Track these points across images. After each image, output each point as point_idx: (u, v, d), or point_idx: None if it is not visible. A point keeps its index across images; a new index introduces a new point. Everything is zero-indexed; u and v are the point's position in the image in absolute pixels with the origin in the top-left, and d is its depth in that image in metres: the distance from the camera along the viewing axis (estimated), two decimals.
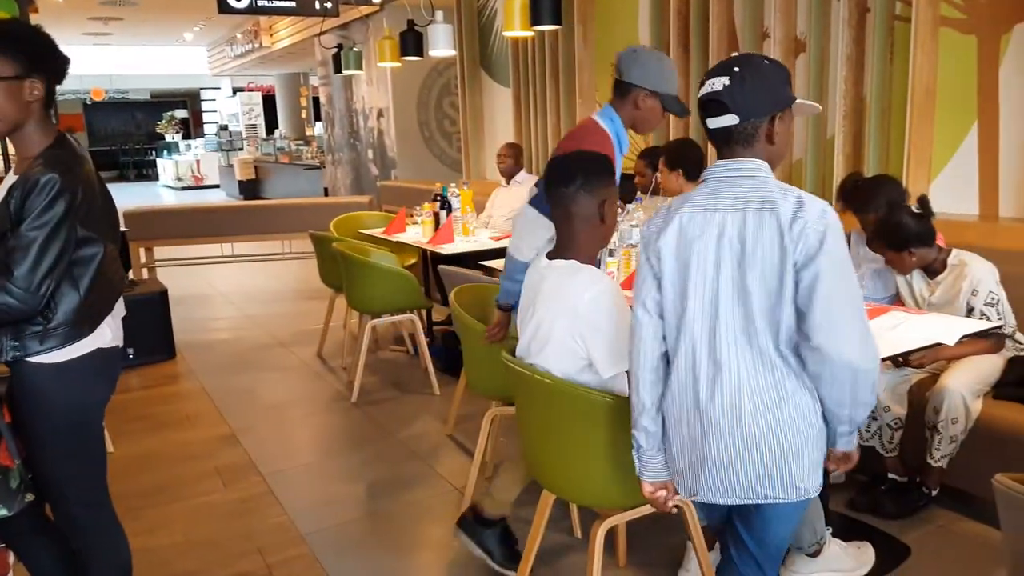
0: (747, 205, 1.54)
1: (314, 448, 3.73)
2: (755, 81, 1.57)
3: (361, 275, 4.17)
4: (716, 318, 1.56)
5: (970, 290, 2.64)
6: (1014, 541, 1.38)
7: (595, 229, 2.03)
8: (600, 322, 1.91)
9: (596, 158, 2.09)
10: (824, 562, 2.35)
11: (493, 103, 7.11)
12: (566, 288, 1.96)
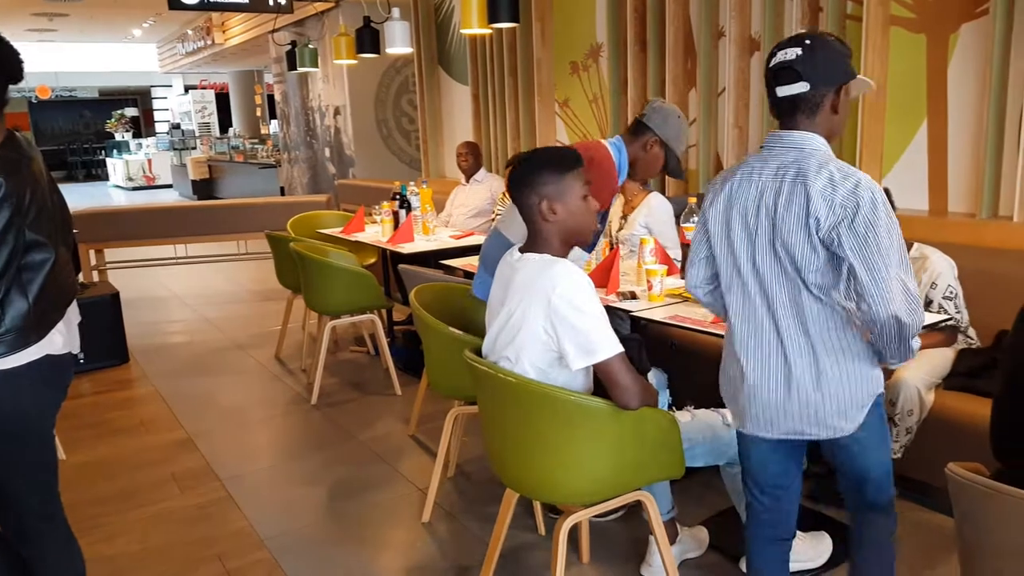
0: (785, 176, 1.68)
1: (273, 451, 3.67)
2: (825, 52, 1.68)
3: (319, 275, 4.13)
4: (760, 275, 1.75)
5: (929, 283, 2.71)
6: (965, 528, 1.41)
7: (558, 224, 2.02)
8: (572, 315, 1.90)
9: (557, 153, 2.09)
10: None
11: (452, 101, 7.09)
12: (539, 280, 1.95)
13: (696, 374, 3.14)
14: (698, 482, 2.94)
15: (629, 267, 3.22)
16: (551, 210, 2.01)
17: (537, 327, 1.95)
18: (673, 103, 4.47)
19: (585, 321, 1.90)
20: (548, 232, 2.04)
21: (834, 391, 1.73)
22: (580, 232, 2.08)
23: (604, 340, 1.91)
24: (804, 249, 1.66)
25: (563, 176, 2.02)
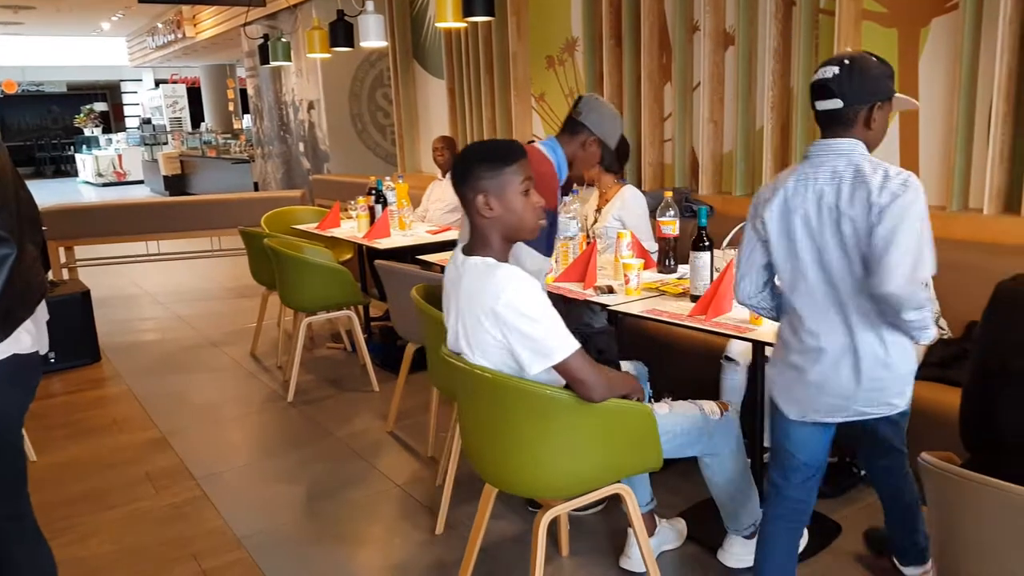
0: (843, 178, 1.82)
1: (249, 450, 3.64)
2: (861, 73, 1.84)
3: (294, 272, 4.09)
4: (827, 271, 1.86)
5: None
6: (939, 515, 1.43)
7: (497, 220, 1.97)
8: (520, 323, 1.86)
9: (495, 147, 2.05)
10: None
11: (427, 95, 7.06)
12: (483, 290, 1.91)
13: (670, 367, 3.17)
14: (676, 473, 2.95)
15: (606, 261, 3.23)
16: (487, 205, 1.95)
17: (488, 336, 1.92)
18: (648, 98, 4.50)
19: (535, 327, 1.87)
20: (487, 228, 1.98)
21: (896, 371, 1.87)
22: (521, 228, 2.00)
23: (557, 341, 1.88)
24: (865, 240, 1.80)
25: (501, 170, 1.95)
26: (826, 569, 2.42)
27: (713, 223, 3.01)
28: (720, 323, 2.41)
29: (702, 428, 2.22)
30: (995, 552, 1.30)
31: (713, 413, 2.24)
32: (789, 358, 1.97)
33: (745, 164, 4.14)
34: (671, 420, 2.19)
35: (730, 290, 2.50)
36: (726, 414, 2.26)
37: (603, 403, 2.01)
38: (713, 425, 2.23)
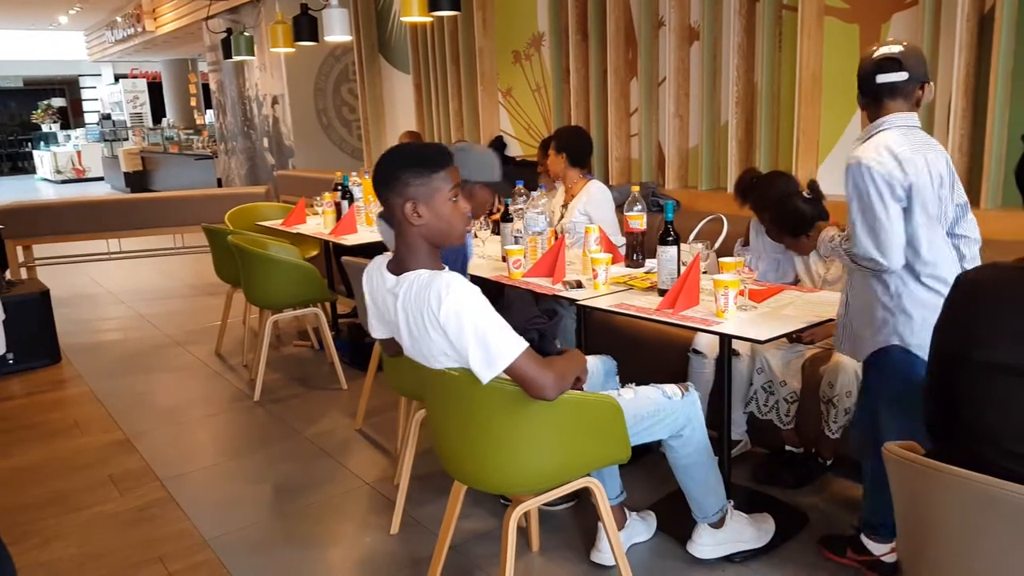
0: (938, 146, 2.17)
1: (216, 450, 3.60)
2: (917, 54, 2.16)
3: (260, 269, 4.04)
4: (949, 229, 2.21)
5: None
6: (903, 504, 1.45)
7: (409, 231, 1.92)
8: (463, 332, 1.83)
9: (423, 151, 1.98)
10: (727, 533, 2.43)
11: (393, 90, 7.02)
12: (424, 303, 1.86)
13: (638, 361, 3.18)
14: (645, 467, 2.97)
15: (574, 256, 3.23)
16: (416, 213, 1.89)
17: (440, 350, 1.89)
18: (615, 93, 4.51)
19: (478, 333, 1.82)
20: (413, 236, 1.93)
21: None
22: (449, 235, 1.96)
23: (502, 345, 1.83)
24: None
25: (430, 176, 1.89)
26: (794, 558, 2.45)
27: (679, 217, 3.03)
28: (687, 316, 2.43)
29: (666, 409, 2.24)
30: (957, 539, 1.32)
31: (675, 394, 2.26)
32: (931, 300, 2.13)
33: (710, 159, 4.17)
34: (636, 404, 2.20)
35: (697, 283, 2.52)
36: (687, 394, 2.29)
37: (570, 397, 2.01)
38: (677, 405, 2.25)
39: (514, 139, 5.62)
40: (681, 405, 2.26)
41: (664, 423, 2.25)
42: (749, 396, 2.90)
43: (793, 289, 2.77)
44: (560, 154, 3.76)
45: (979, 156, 3.07)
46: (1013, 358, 1.32)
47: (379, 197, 1.96)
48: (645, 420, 2.21)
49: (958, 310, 1.45)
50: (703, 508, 2.41)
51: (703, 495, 2.39)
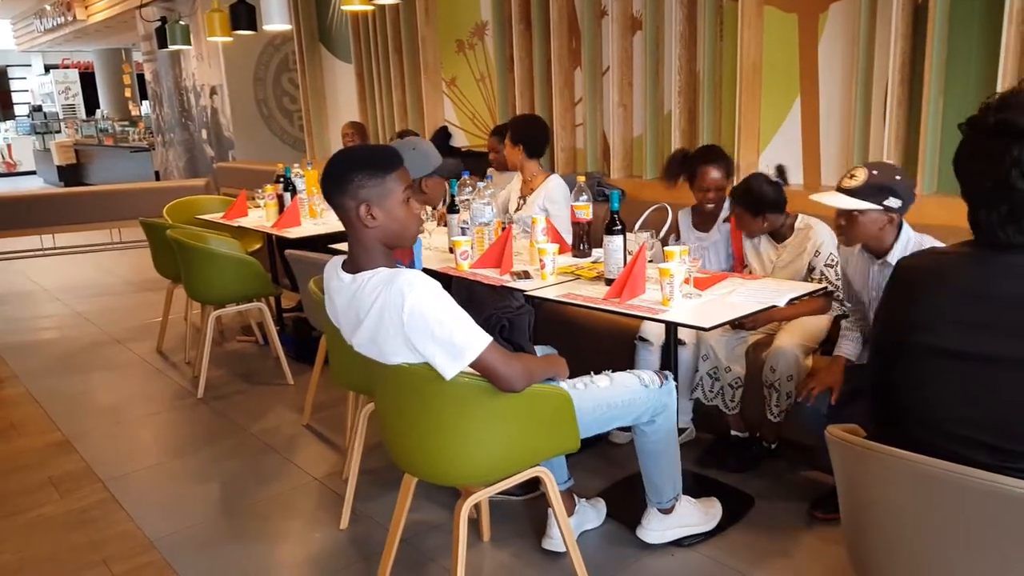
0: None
1: (159, 449, 3.51)
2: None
3: (200, 264, 3.95)
4: None
5: (813, 251, 2.84)
6: (846, 486, 1.49)
7: (363, 233, 1.91)
8: (428, 327, 1.82)
9: (375, 153, 1.98)
10: (676, 518, 2.47)
11: (335, 80, 6.91)
12: (387, 302, 1.84)
13: (587, 350, 3.20)
14: (593, 455, 3.00)
15: (522, 246, 3.23)
16: (370, 215, 1.88)
17: (400, 347, 1.88)
18: (559, 82, 4.52)
19: (443, 329, 1.81)
20: (368, 239, 1.92)
21: None
22: (403, 236, 1.97)
23: (468, 339, 1.83)
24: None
25: (383, 178, 1.89)
26: (741, 540, 2.50)
27: (625, 207, 3.06)
28: (634, 305, 2.45)
29: (641, 397, 2.26)
30: (895, 518, 1.36)
31: (652, 383, 2.29)
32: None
33: (654, 148, 4.21)
34: (612, 391, 2.23)
35: (643, 272, 2.55)
36: (666, 382, 2.32)
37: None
38: (653, 393, 2.28)
39: (459, 129, 5.59)
40: (658, 394, 2.29)
41: (638, 409, 2.27)
42: (695, 383, 2.94)
43: (737, 276, 2.82)
44: (517, 146, 3.71)
45: (915, 143, 3.16)
46: (948, 341, 1.35)
47: (330, 201, 1.93)
48: (619, 408, 2.23)
49: (897, 296, 1.48)
50: (659, 494, 2.44)
51: (663, 482, 2.43)
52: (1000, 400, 1.30)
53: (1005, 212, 1.31)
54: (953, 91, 3.06)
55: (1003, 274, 1.33)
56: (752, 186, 2.80)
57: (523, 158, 3.72)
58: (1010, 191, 1.29)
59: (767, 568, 2.34)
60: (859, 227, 2.27)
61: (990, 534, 1.24)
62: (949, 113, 3.07)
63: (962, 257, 1.40)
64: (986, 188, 1.33)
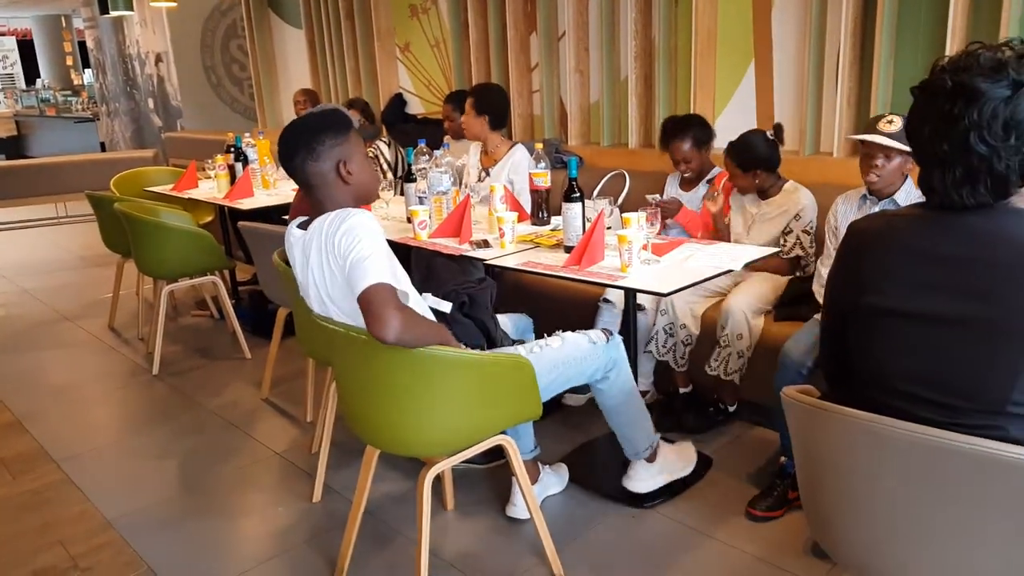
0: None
1: (114, 427, 3.45)
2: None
3: (150, 237, 3.86)
4: None
5: (794, 213, 2.90)
6: (801, 445, 1.52)
7: (340, 192, 1.98)
8: (349, 251, 1.85)
9: (330, 116, 2.03)
10: (660, 464, 2.55)
11: (285, 46, 6.76)
12: (326, 237, 1.92)
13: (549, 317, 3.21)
14: (556, 421, 3.02)
15: (481, 215, 3.21)
16: (348, 171, 1.97)
17: (339, 277, 1.92)
18: (515, 48, 4.47)
19: (358, 253, 1.84)
20: (343, 197, 1.99)
21: None
22: (371, 192, 2.07)
23: (369, 270, 1.82)
24: None
25: (347, 136, 1.99)
26: (702, 497, 2.55)
27: (583, 174, 3.05)
28: (593, 272, 2.46)
29: (593, 354, 2.31)
30: (851, 476, 1.40)
31: (599, 339, 2.34)
32: None
33: (611, 114, 4.20)
34: (564, 351, 2.27)
35: (602, 239, 2.55)
36: (611, 337, 2.37)
37: (481, 357, 2.01)
38: (601, 349, 2.32)
39: (414, 96, 5.51)
40: (605, 349, 2.34)
41: (591, 367, 2.32)
42: (651, 336, 2.99)
43: (692, 242, 2.84)
44: (481, 116, 3.61)
45: (866, 107, 3.20)
46: (898, 301, 1.38)
47: (301, 170, 1.96)
48: (573, 366, 2.27)
49: (848, 258, 1.50)
50: (634, 445, 2.50)
51: (634, 434, 2.49)
52: (946, 358, 1.33)
53: (960, 175, 1.32)
54: (903, 54, 3.09)
55: (956, 236, 1.35)
56: (746, 143, 2.88)
57: (487, 129, 3.64)
58: (966, 153, 1.30)
59: (727, 528, 2.39)
60: (893, 167, 2.43)
61: (938, 489, 1.27)
62: (900, 75, 3.11)
63: (914, 219, 1.42)
64: (941, 151, 1.33)
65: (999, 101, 1.26)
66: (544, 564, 2.24)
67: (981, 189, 1.31)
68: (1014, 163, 1.29)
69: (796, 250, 2.88)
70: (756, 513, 2.42)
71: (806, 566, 2.19)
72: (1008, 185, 1.31)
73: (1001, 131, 1.27)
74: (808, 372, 2.35)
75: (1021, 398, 1.28)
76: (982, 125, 1.27)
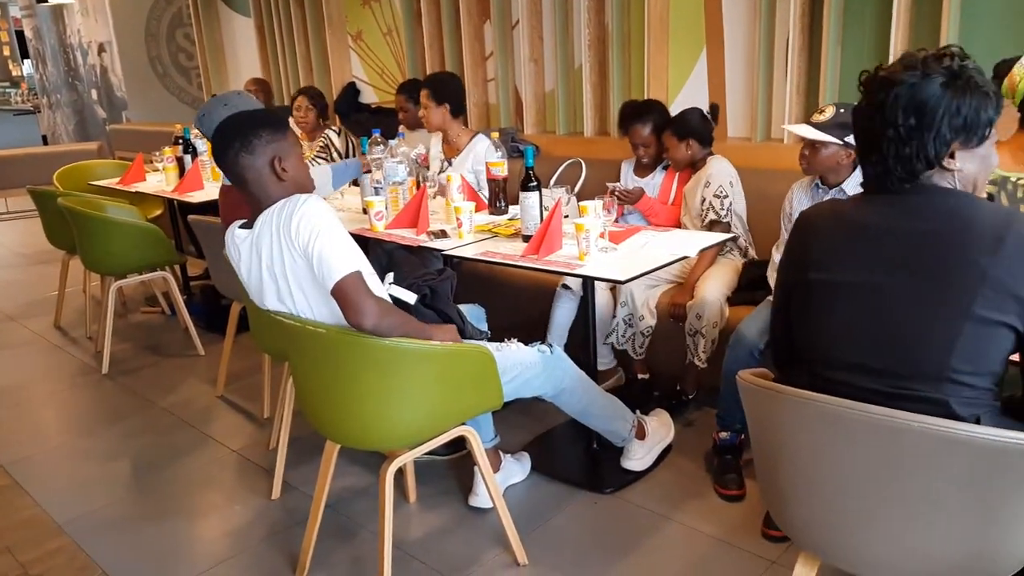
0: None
1: (64, 429, 3.36)
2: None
3: (96, 233, 3.76)
4: None
5: (704, 181, 2.98)
6: (756, 427, 1.55)
7: (275, 189, 1.96)
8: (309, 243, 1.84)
9: (265, 114, 2.04)
10: (653, 437, 2.63)
11: (234, 35, 6.62)
12: (283, 224, 1.89)
13: (507, 306, 3.21)
14: (516, 411, 3.00)
15: (438, 205, 3.19)
16: (282, 167, 1.96)
17: (298, 268, 1.91)
18: (469, 36, 4.44)
19: (319, 244, 1.84)
20: (279, 195, 1.96)
21: None
22: (306, 188, 2.04)
23: (335, 261, 1.83)
24: None
25: (284, 134, 1.99)
26: (661, 481, 2.58)
27: (539, 162, 3.05)
28: (551, 261, 2.46)
29: (543, 361, 2.29)
30: (804, 457, 1.42)
31: (543, 350, 2.33)
32: None
33: (567, 103, 4.20)
34: (520, 354, 2.26)
35: (559, 228, 2.55)
36: (554, 348, 2.36)
37: (442, 348, 2.00)
38: (550, 360, 2.31)
39: (368, 85, 5.44)
40: (554, 360, 2.33)
41: (542, 375, 2.29)
42: (611, 327, 3.01)
43: (649, 229, 2.86)
44: (441, 105, 3.57)
45: (815, 94, 3.24)
46: (841, 276, 1.44)
47: (235, 166, 1.94)
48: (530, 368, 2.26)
49: (796, 242, 1.57)
50: (618, 434, 2.54)
51: (611, 425, 2.52)
52: (886, 328, 1.38)
53: (877, 159, 1.41)
54: (850, 41, 3.14)
55: (888, 213, 1.42)
56: (683, 115, 3.05)
57: (448, 118, 3.60)
58: (880, 139, 1.39)
59: (687, 510, 2.42)
60: (820, 158, 2.46)
61: (890, 466, 1.31)
62: (847, 63, 3.16)
63: (855, 202, 1.51)
64: (865, 138, 1.44)
65: (904, 87, 1.35)
66: (508, 552, 2.25)
67: (894, 172, 1.39)
68: (915, 147, 1.36)
69: (709, 214, 2.95)
70: (729, 492, 2.47)
71: (763, 546, 2.23)
72: (914, 168, 1.38)
73: (901, 113, 1.35)
74: (760, 353, 2.39)
75: (960, 365, 1.33)
76: (886, 108, 1.37)
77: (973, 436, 1.21)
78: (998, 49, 2.75)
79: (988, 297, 1.30)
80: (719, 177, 2.97)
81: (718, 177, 2.97)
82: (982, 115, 1.36)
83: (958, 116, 1.35)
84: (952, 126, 1.35)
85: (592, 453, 2.71)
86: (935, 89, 1.34)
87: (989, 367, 1.35)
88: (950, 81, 1.34)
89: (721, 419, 2.57)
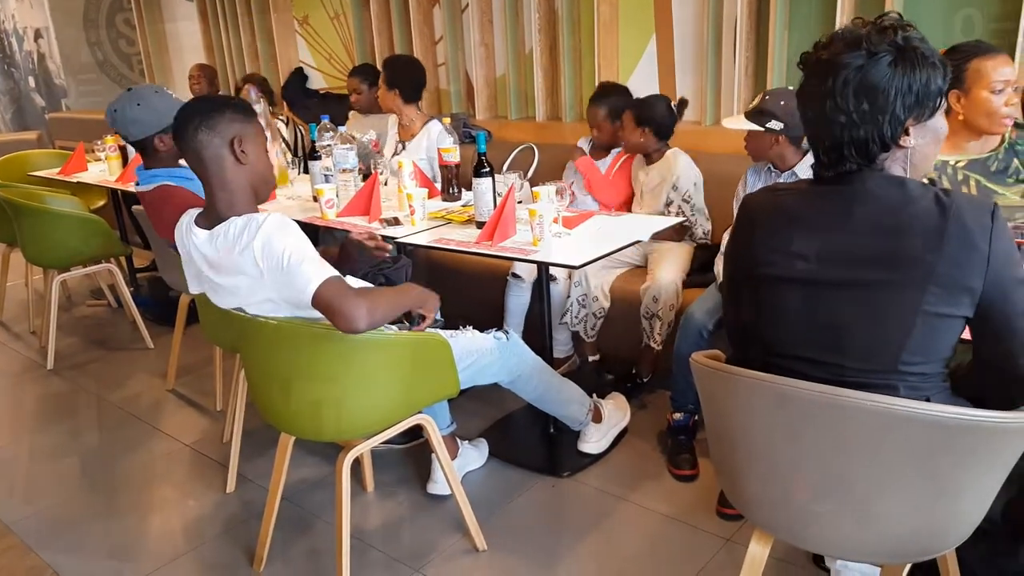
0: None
1: (8, 427, 3.26)
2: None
3: (38, 225, 3.64)
4: None
5: (672, 183, 2.99)
6: (709, 408, 1.57)
7: (234, 173, 1.87)
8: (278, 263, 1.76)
9: (214, 99, 1.96)
10: (609, 420, 2.66)
11: (176, 19, 6.45)
12: (239, 256, 1.80)
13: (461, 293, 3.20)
14: (472, 397, 2.99)
15: (390, 192, 3.16)
16: (243, 151, 1.86)
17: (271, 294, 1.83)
18: (418, 20, 4.39)
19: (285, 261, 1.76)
20: (238, 180, 1.87)
21: None
22: (268, 182, 1.96)
23: (308, 272, 1.76)
24: None
25: (251, 119, 1.91)
26: (617, 463, 2.61)
27: (492, 148, 3.03)
28: (505, 247, 2.46)
29: (498, 348, 2.31)
30: (756, 436, 1.45)
31: (500, 337, 2.34)
32: None
33: (517, 87, 4.19)
34: (476, 341, 2.27)
35: (513, 214, 2.55)
36: (510, 334, 2.38)
37: (397, 338, 1.99)
38: (506, 347, 2.32)
39: (316, 71, 5.36)
40: (510, 347, 2.34)
41: (497, 362, 2.31)
42: (565, 308, 3.03)
43: (602, 214, 2.88)
44: (392, 90, 3.55)
45: (763, 78, 3.29)
46: (785, 271, 1.42)
47: (192, 142, 1.84)
48: (485, 355, 2.27)
49: (740, 233, 1.54)
50: (575, 418, 2.57)
51: (567, 409, 2.55)
52: (839, 322, 1.38)
53: (828, 145, 1.37)
54: (797, 26, 3.19)
55: (835, 204, 1.39)
56: (649, 100, 3.04)
57: (400, 103, 3.57)
58: (829, 124, 1.35)
59: (643, 491, 2.46)
60: (751, 145, 2.56)
61: (839, 444, 1.33)
62: (794, 47, 3.21)
63: (798, 192, 1.49)
64: (812, 124, 1.40)
65: (852, 70, 1.31)
66: (467, 538, 2.26)
67: (848, 157, 1.36)
68: (869, 130, 1.33)
69: (679, 217, 2.97)
70: (683, 472, 2.50)
71: (718, 524, 2.27)
72: (870, 151, 1.35)
73: (853, 98, 1.32)
74: (709, 334, 2.43)
75: (910, 358, 1.34)
76: (836, 94, 1.33)
77: (917, 412, 1.23)
78: (941, 25, 2.83)
79: (937, 294, 1.29)
80: (686, 179, 2.98)
81: (685, 179, 2.98)
82: (932, 87, 1.32)
83: (910, 94, 1.31)
84: (905, 104, 1.31)
85: (549, 437, 2.73)
86: (884, 70, 1.30)
87: (940, 355, 1.35)
88: (897, 58, 1.30)
89: (674, 400, 2.61)
